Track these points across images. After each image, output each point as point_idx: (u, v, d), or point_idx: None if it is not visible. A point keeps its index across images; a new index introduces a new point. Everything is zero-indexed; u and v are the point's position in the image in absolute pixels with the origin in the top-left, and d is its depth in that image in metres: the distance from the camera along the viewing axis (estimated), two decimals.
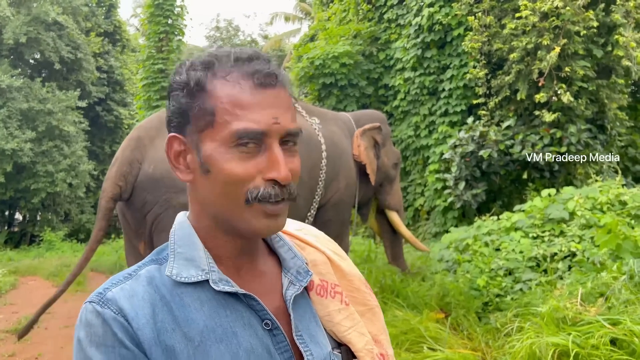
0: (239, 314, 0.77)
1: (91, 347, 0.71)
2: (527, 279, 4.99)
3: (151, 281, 0.77)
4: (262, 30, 42.95)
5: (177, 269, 0.78)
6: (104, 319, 0.72)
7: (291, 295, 0.82)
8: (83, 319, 0.74)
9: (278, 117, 0.76)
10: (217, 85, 0.76)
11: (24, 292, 9.08)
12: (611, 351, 3.20)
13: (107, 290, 0.75)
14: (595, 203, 5.73)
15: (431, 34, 9.37)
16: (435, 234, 8.95)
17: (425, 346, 4.13)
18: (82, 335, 0.72)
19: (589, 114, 7.61)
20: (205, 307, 0.76)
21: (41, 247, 17.34)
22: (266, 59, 0.79)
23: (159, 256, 0.82)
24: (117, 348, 0.71)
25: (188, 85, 0.77)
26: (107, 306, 0.73)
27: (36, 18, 18.72)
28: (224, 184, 0.75)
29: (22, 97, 17.91)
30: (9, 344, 5.55)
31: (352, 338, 0.86)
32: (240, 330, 0.76)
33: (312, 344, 0.81)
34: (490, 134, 7.59)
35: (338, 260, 0.93)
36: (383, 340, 0.93)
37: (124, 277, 0.78)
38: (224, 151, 0.75)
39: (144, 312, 0.73)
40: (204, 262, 0.78)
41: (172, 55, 13.50)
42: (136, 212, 3.49)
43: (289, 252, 0.87)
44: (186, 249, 0.80)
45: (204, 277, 0.77)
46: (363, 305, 0.92)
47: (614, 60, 7.65)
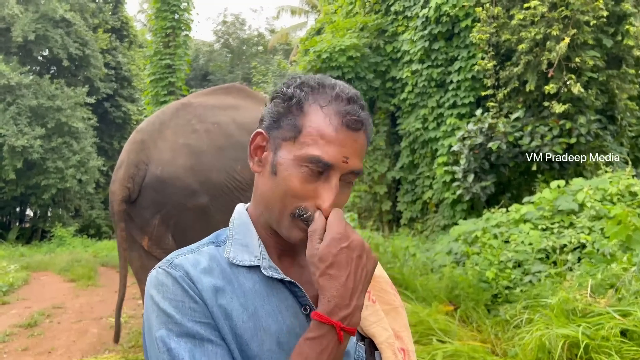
0: (283, 297, 0.88)
1: (164, 301, 0.81)
2: (537, 271, 4.97)
3: (213, 257, 0.89)
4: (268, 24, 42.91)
5: (234, 252, 0.89)
6: (174, 278, 0.83)
7: None
8: (154, 280, 0.84)
9: (349, 158, 0.86)
10: (312, 111, 0.87)
11: (36, 288, 9.19)
12: (621, 342, 3.19)
13: (174, 258, 0.87)
14: (605, 194, 5.69)
15: (438, 25, 9.30)
16: (444, 227, 8.93)
17: (434, 338, 4.14)
18: (154, 293, 0.83)
19: (599, 105, 7.53)
20: (257, 287, 0.87)
21: (52, 242, 17.51)
22: (361, 105, 0.90)
23: (217, 239, 0.94)
24: (187, 302, 0.81)
25: (291, 100, 0.89)
26: (176, 269, 0.84)
27: (44, 15, 18.81)
28: (283, 192, 0.87)
29: (31, 94, 18.04)
30: (22, 339, 5.62)
31: (375, 332, 0.93)
32: (284, 311, 0.86)
33: None
34: (499, 126, 7.54)
35: None
36: (405, 337, 0.99)
37: (187, 250, 0.90)
38: (294, 165, 0.86)
39: (207, 280, 0.84)
40: (257, 250, 0.90)
41: (179, 51, 13.51)
42: (143, 210, 3.58)
43: None
44: (242, 236, 0.92)
45: (256, 262, 0.88)
46: (388, 304, 1.00)
47: (624, 50, 7.57)
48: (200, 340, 0.79)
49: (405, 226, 10.30)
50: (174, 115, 3.80)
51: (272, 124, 0.90)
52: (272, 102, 0.92)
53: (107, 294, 8.26)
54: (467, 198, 7.98)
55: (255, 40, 30.70)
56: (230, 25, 30.22)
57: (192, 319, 0.80)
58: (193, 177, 3.50)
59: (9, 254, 14.43)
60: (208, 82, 26.96)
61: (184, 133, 3.66)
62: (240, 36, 30.21)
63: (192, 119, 3.75)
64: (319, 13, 19.42)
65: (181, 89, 13.50)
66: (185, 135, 3.65)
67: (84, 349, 5.18)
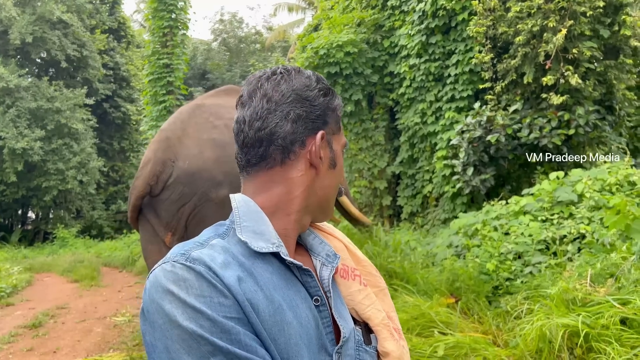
0: (297, 288, 0.85)
1: (190, 297, 0.73)
2: (537, 262, 4.99)
3: (226, 250, 0.82)
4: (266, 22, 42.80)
5: (247, 238, 0.83)
6: (198, 272, 0.75)
7: (328, 275, 0.91)
8: (170, 274, 0.75)
9: None
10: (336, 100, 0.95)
11: (39, 289, 9.24)
12: (621, 330, 3.22)
13: (190, 251, 0.79)
14: (604, 184, 5.71)
15: (435, 19, 9.29)
16: (444, 220, 8.94)
17: (436, 331, 4.17)
18: (173, 288, 0.74)
19: (597, 95, 7.53)
20: (274, 277, 0.82)
21: (55, 244, 17.57)
22: None
23: (218, 232, 0.87)
24: (216, 297, 0.74)
25: (329, 92, 0.93)
26: (196, 264, 0.76)
27: (41, 17, 18.81)
28: (339, 178, 0.95)
29: (30, 96, 18.07)
30: (27, 339, 5.66)
31: (371, 314, 0.95)
32: (300, 302, 0.83)
33: (342, 320, 0.89)
34: (497, 119, 7.55)
35: (352, 247, 1.04)
36: (394, 317, 1.02)
37: (195, 244, 0.82)
38: (341, 155, 0.96)
39: (230, 273, 0.77)
40: (274, 237, 0.85)
41: (176, 50, 13.53)
42: (171, 205, 3.68)
43: (316, 239, 0.97)
44: (253, 223, 0.86)
45: (274, 249, 0.83)
46: (376, 287, 1.03)
47: (622, 40, 7.56)
48: (237, 335, 0.73)
49: (406, 220, 10.32)
50: (191, 115, 3.91)
51: (318, 120, 0.91)
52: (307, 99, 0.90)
53: (110, 293, 8.31)
54: (467, 191, 8.00)
55: (253, 38, 30.66)
56: (228, 23, 30.18)
57: (223, 314, 0.74)
58: (219, 168, 3.59)
59: (12, 256, 14.50)
60: (206, 80, 26.95)
61: (206, 129, 3.78)
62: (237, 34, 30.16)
63: (209, 117, 3.86)
64: (316, 9, 19.40)
65: (180, 88, 13.52)
66: (208, 131, 3.76)
67: (89, 348, 5.22)
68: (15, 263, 12.24)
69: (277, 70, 0.92)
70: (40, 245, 18.48)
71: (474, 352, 3.74)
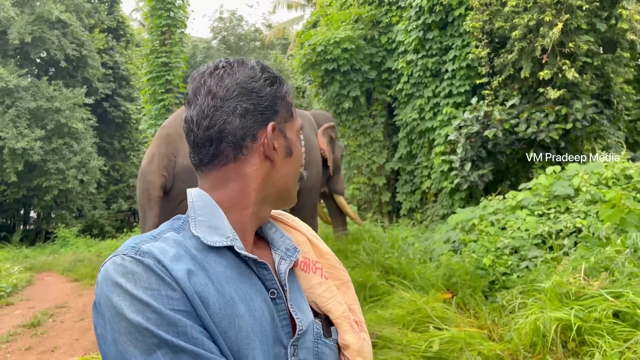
0: (252, 282, 0.85)
1: (138, 290, 0.73)
2: (533, 257, 4.99)
3: (179, 243, 0.81)
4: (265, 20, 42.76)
5: (201, 233, 0.83)
6: (146, 265, 0.75)
7: (285, 268, 0.91)
8: (120, 267, 0.75)
9: None
10: (284, 86, 0.94)
11: (39, 288, 9.26)
12: (614, 324, 3.22)
13: (140, 245, 0.79)
14: (601, 178, 5.70)
15: (432, 15, 9.28)
16: (443, 216, 8.94)
17: (431, 326, 4.17)
18: (121, 281, 0.74)
19: (595, 89, 7.51)
20: (228, 270, 0.82)
21: (56, 243, 17.60)
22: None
23: (174, 226, 0.87)
24: (164, 290, 0.74)
25: (276, 81, 0.91)
26: (146, 256, 0.76)
27: (40, 17, 18.81)
28: (297, 164, 0.95)
29: (29, 96, 18.08)
30: (25, 338, 5.67)
31: (331, 307, 0.95)
32: (254, 295, 0.83)
33: (300, 313, 0.89)
34: (494, 114, 7.54)
35: (316, 240, 1.03)
36: (356, 309, 1.02)
37: (149, 237, 0.82)
38: (297, 140, 0.94)
39: (180, 266, 0.77)
40: (229, 231, 0.85)
41: (175, 48, 13.52)
42: (171, 201, 3.75)
43: (277, 233, 0.97)
44: (208, 217, 0.86)
45: (229, 243, 0.84)
46: (338, 279, 1.02)
47: (619, 34, 7.54)
48: (183, 328, 0.73)
49: (405, 216, 10.32)
50: None
51: (268, 111, 0.89)
52: (254, 92, 0.88)
53: None
54: (465, 187, 8.00)
55: (253, 36, 30.61)
56: (227, 21, 30.14)
57: (170, 307, 0.73)
58: None
59: (13, 256, 14.53)
60: None
61: None
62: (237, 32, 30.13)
63: None
64: (315, 6, 19.36)
65: (178, 87, 13.52)
66: None
67: (87, 347, 5.23)
68: (16, 263, 12.27)
69: (219, 64, 0.90)
70: (41, 244, 18.51)
71: (469, 346, 3.74)
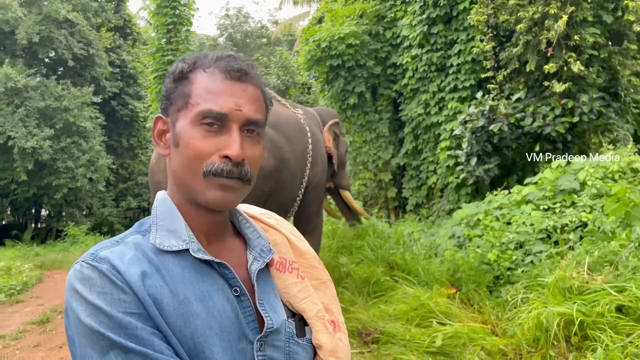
0: (213, 280, 0.87)
1: (92, 294, 0.78)
2: (538, 251, 4.97)
3: (138, 247, 0.86)
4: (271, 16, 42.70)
5: (160, 238, 0.88)
6: (100, 271, 0.80)
7: (255, 269, 0.93)
8: (77, 274, 0.81)
9: (241, 106, 0.88)
10: (197, 75, 0.90)
11: (49, 286, 9.36)
12: (617, 318, 3.20)
13: (99, 251, 0.84)
14: (607, 172, 5.66)
15: (436, 9, 9.22)
16: (449, 211, 8.91)
17: (434, 321, 4.17)
18: (79, 287, 0.79)
19: (601, 82, 7.43)
20: (185, 272, 0.86)
21: (66, 241, 17.76)
22: (242, 59, 0.93)
23: (141, 228, 0.92)
24: (116, 294, 0.79)
25: (175, 73, 0.92)
26: (101, 262, 0.81)
27: (47, 17, 18.94)
28: (188, 157, 0.87)
29: (38, 95, 18.23)
30: (34, 335, 5.74)
31: (305, 307, 0.96)
32: (215, 294, 0.86)
33: (271, 312, 0.91)
34: (500, 108, 7.49)
35: (296, 241, 1.04)
36: (334, 309, 1.03)
37: (111, 242, 0.88)
38: (191, 129, 0.87)
39: (134, 270, 0.82)
40: (185, 234, 0.89)
41: (181, 46, 13.56)
42: None
43: (254, 233, 0.99)
44: (168, 221, 0.90)
45: (184, 246, 0.87)
46: (317, 279, 1.03)
47: (625, 26, 7.45)
48: (134, 330, 0.77)
49: (412, 212, 10.30)
50: None
51: (166, 103, 0.93)
52: (163, 86, 0.95)
53: None
54: (471, 182, 7.95)
55: (259, 33, 30.61)
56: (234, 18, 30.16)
57: (122, 310, 0.78)
58: None
59: (23, 254, 14.70)
60: None
61: None
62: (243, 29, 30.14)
63: None
64: (320, 2, 19.32)
65: None
66: None
67: None
68: (27, 261, 12.41)
69: None
70: (52, 242, 18.69)
71: (472, 341, 3.75)
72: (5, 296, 7.96)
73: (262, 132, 0.92)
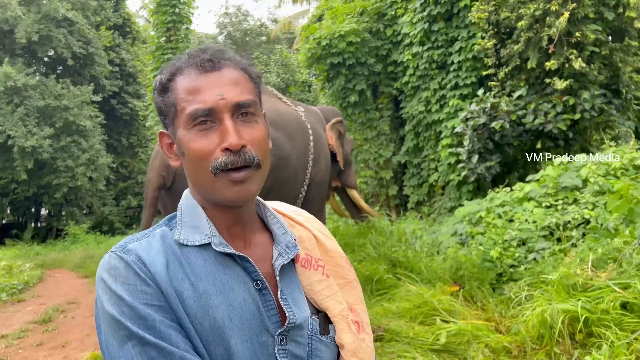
0: (235, 273, 0.89)
1: (116, 284, 0.82)
2: (541, 248, 4.97)
3: (164, 239, 0.90)
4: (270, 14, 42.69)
5: (184, 234, 0.91)
6: (126, 262, 0.84)
7: (279, 264, 0.93)
8: (106, 264, 0.85)
9: (223, 94, 0.88)
10: (176, 81, 0.91)
11: (50, 284, 9.36)
12: (622, 315, 3.20)
13: (127, 244, 0.88)
14: (609, 169, 5.65)
15: (437, 6, 9.21)
16: (450, 209, 8.91)
17: (438, 318, 4.17)
18: (106, 277, 0.83)
19: (603, 79, 7.43)
20: (207, 265, 0.88)
21: (66, 240, 17.76)
22: (212, 47, 0.93)
23: (169, 222, 0.96)
24: (139, 285, 0.82)
25: (157, 87, 0.93)
26: (128, 254, 0.85)
27: (46, 15, 18.90)
28: (193, 161, 0.89)
29: (38, 94, 18.20)
30: (37, 334, 5.74)
31: (329, 305, 0.96)
32: (236, 286, 0.87)
33: (295, 307, 0.91)
34: (501, 105, 7.48)
35: (323, 238, 1.04)
36: (359, 309, 1.02)
37: (141, 235, 0.92)
38: (187, 133, 0.89)
39: (159, 261, 0.85)
40: (207, 228, 0.91)
41: (180, 45, 13.53)
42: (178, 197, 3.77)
43: (280, 229, 0.99)
44: (191, 218, 0.93)
45: (207, 240, 0.89)
46: (343, 278, 1.03)
47: (627, 22, 7.45)
48: (152, 322, 0.79)
49: (413, 210, 10.30)
50: None
51: (162, 118, 0.95)
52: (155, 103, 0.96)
53: None
54: (473, 179, 7.96)
55: (258, 31, 30.58)
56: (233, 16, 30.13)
57: (143, 301, 0.80)
58: None
59: (24, 253, 14.70)
60: None
61: None
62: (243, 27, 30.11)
63: None
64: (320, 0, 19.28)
65: None
66: None
67: (97, 343, 5.23)
68: (28, 260, 12.41)
69: None
70: (52, 241, 18.70)
71: (476, 339, 3.74)
72: (7, 295, 7.97)
73: (257, 110, 0.92)
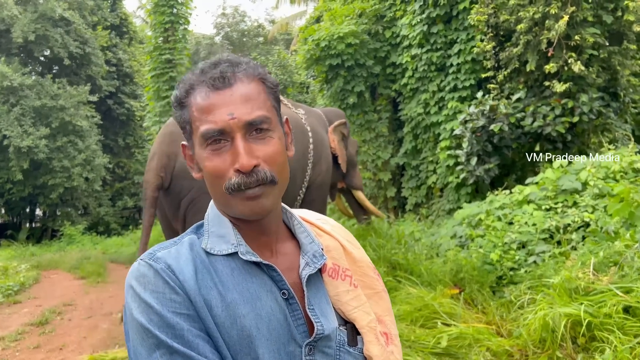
0: (262, 282, 0.89)
1: (145, 292, 0.82)
2: (541, 251, 4.97)
3: (192, 247, 0.91)
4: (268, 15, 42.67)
5: (211, 244, 0.91)
6: (156, 270, 0.84)
7: (306, 274, 0.93)
8: (135, 271, 0.86)
9: (234, 113, 0.86)
10: (191, 97, 0.90)
11: (46, 286, 9.30)
12: (624, 319, 3.19)
13: (157, 252, 0.89)
14: (609, 172, 5.66)
15: (436, 8, 9.22)
16: (449, 211, 8.91)
17: (439, 322, 4.16)
18: (135, 284, 0.84)
19: (601, 82, 7.45)
20: (235, 273, 0.88)
21: (62, 241, 17.67)
22: (223, 61, 0.90)
23: (197, 231, 0.97)
24: (168, 294, 0.83)
25: (174, 103, 0.94)
26: (158, 262, 0.86)
27: (43, 15, 18.81)
28: (209, 179, 0.90)
29: (34, 94, 18.10)
30: (34, 336, 5.70)
31: (357, 316, 0.95)
32: (264, 295, 0.87)
33: (322, 318, 0.91)
34: (500, 108, 7.49)
35: (350, 247, 1.03)
36: (387, 321, 1.00)
37: (170, 243, 0.92)
38: (202, 151, 0.89)
39: (188, 269, 0.86)
40: (233, 238, 0.91)
41: (178, 45, 13.48)
42: (174, 197, 3.87)
43: (307, 238, 0.98)
44: (217, 227, 0.93)
45: (233, 249, 0.90)
46: (370, 289, 1.02)
47: (625, 26, 7.46)
48: (180, 331, 0.80)
49: (411, 212, 10.30)
50: None
51: (183, 131, 0.95)
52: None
53: (116, 290, 8.35)
54: (471, 181, 7.96)
55: (256, 32, 30.56)
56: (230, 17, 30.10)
57: (172, 310, 0.81)
58: None
59: (19, 254, 14.60)
60: None
61: None
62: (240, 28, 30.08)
63: None
64: (317, 1, 19.28)
65: None
66: None
67: (95, 345, 5.25)
68: (23, 261, 12.32)
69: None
70: (47, 242, 18.58)
71: (478, 342, 3.73)
72: (3, 297, 7.90)
73: (272, 124, 0.90)
